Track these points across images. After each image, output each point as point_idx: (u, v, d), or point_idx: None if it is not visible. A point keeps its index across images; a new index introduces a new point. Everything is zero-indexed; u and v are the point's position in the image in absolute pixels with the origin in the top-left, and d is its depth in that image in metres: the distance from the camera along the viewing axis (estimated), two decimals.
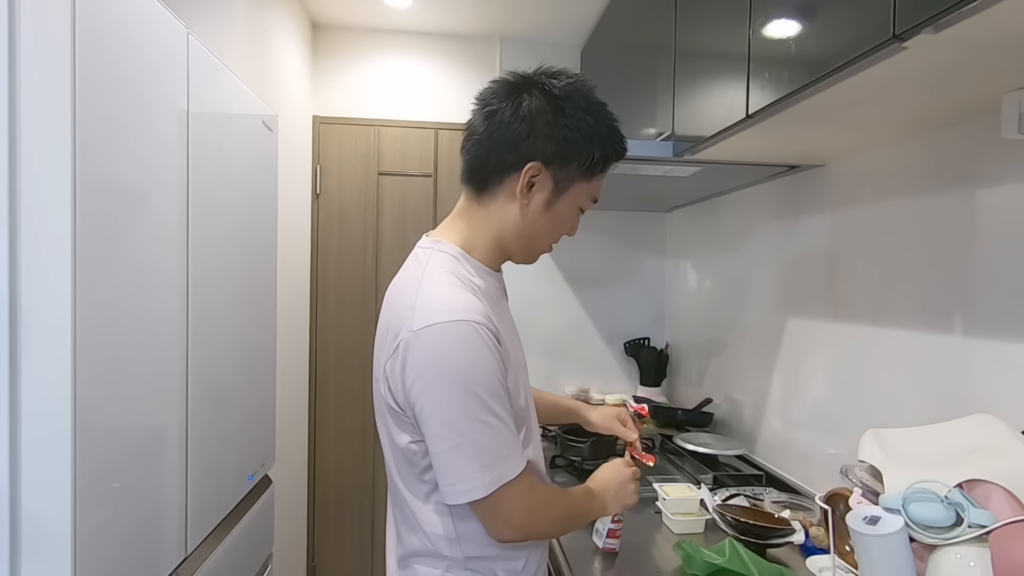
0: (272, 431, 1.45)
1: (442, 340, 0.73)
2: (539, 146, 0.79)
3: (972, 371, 1.03)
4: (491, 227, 0.84)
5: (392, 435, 0.83)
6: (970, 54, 0.75)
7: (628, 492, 0.97)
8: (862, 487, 0.94)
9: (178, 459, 0.95)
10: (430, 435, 0.76)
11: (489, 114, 0.81)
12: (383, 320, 0.86)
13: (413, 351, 0.74)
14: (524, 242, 0.86)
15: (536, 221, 0.84)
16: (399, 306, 0.81)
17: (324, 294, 2.40)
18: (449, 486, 0.76)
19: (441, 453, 0.75)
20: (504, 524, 0.78)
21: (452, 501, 0.76)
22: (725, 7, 1.17)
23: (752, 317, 1.77)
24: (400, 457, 0.83)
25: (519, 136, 0.79)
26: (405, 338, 0.75)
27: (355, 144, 2.40)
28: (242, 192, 1.24)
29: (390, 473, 0.88)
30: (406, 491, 0.84)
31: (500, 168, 0.81)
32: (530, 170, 0.80)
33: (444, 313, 0.74)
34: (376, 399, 0.88)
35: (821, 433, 1.45)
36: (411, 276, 0.83)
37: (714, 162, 1.43)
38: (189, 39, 0.96)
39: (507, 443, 0.77)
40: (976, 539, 0.76)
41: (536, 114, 0.79)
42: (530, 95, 0.80)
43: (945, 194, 1.09)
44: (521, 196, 0.81)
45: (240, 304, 1.23)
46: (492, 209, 0.84)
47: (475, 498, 0.75)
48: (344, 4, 2.18)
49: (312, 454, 2.40)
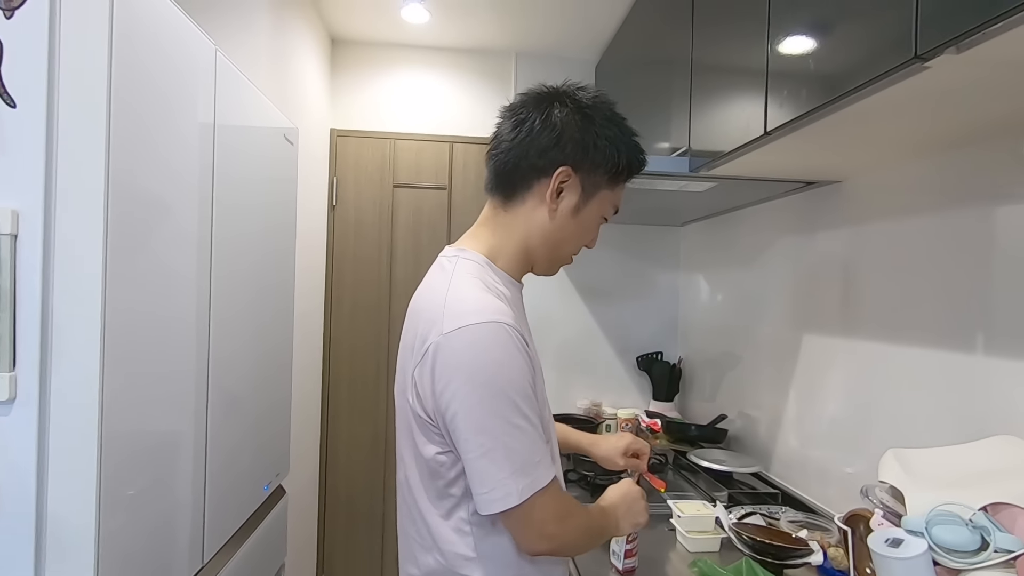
0: (287, 440, 1.46)
1: (473, 342, 0.73)
2: (569, 152, 0.81)
3: (993, 391, 1.02)
4: (518, 233, 0.85)
5: (418, 446, 0.81)
6: (993, 73, 0.75)
7: (639, 510, 0.96)
8: (883, 508, 0.93)
9: (197, 466, 0.96)
10: (462, 441, 0.74)
11: (519, 122, 0.83)
12: (408, 329, 0.85)
13: (443, 354, 0.74)
14: (550, 248, 0.87)
15: (564, 226, 0.85)
16: (426, 312, 0.80)
17: (339, 302, 2.42)
18: (483, 495, 0.74)
19: (473, 459, 0.74)
20: (536, 534, 0.77)
21: (487, 510, 0.74)
22: (743, 23, 1.18)
23: (767, 332, 1.75)
24: (424, 470, 0.82)
25: (550, 142, 0.81)
26: (435, 342, 0.75)
27: (371, 156, 2.43)
28: (263, 203, 1.26)
29: (409, 489, 0.86)
30: (427, 507, 0.82)
31: (530, 173, 0.83)
32: (560, 174, 0.82)
33: (474, 315, 0.74)
34: (400, 410, 0.86)
35: (839, 451, 1.43)
36: (438, 283, 0.83)
37: (730, 178, 1.43)
38: (217, 55, 0.98)
39: (538, 449, 0.75)
40: (1003, 564, 0.74)
41: (566, 122, 0.81)
42: (560, 105, 0.83)
43: (964, 212, 1.08)
44: (551, 200, 0.83)
45: (259, 312, 1.25)
46: (520, 215, 0.85)
47: (509, 506, 0.73)
48: (363, 20, 2.22)
49: (324, 462, 2.41)
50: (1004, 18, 0.61)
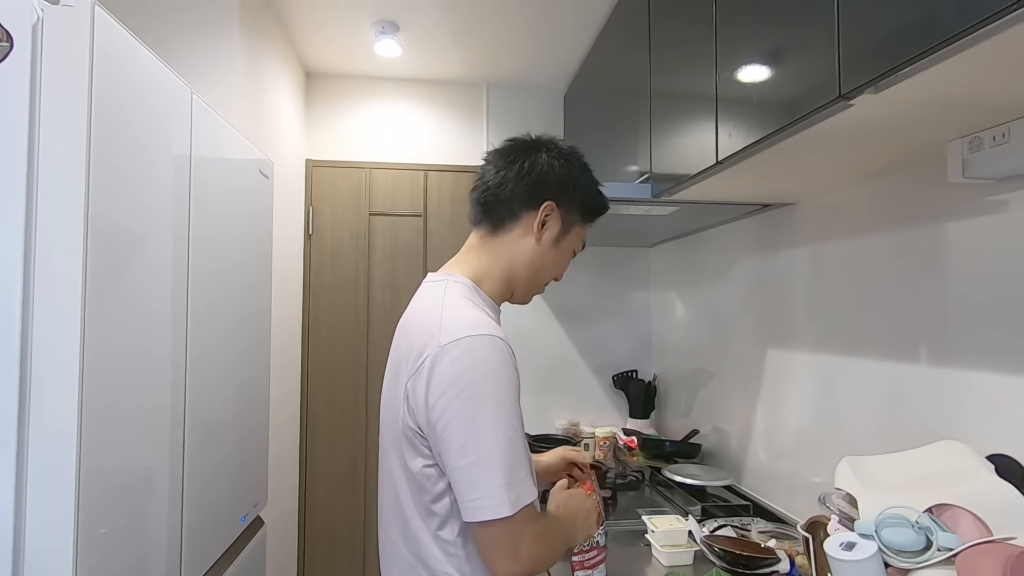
0: (264, 471, 1.46)
1: (470, 353, 0.77)
2: (553, 189, 0.92)
3: (939, 399, 1.08)
4: (503, 259, 0.93)
5: (406, 461, 0.82)
6: (912, 110, 0.83)
7: (592, 522, 0.99)
8: (839, 514, 0.98)
9: (174, 500, 0.97)
10: (455, 448, 0.75)
11: (511, 162, 0.93)
12: (399, 346, 0.88)
13: (440, 365, 0.77)
14: (532, 273, 0.95)
15: (545, 254, 0.94)
16: (421, 327, 0.83)
17: (316, 330, 2.43)
18: (473, 501, 0.74)
19: (465, 467, 0.75)
20: (512, 553, 0.76)
21: (474, 517, 0.75)
22: (695, 56, 1.26)
23: (735, 348, 1.82)
24: (413, 485, 0.82)
25: (539, 178, 0.92)
26: (432, 353, 0.78)
27: (347, 186, 2.47)
28: (239, 235, 1.29)
29: (398, 505, 0.86)
30: (418, 524, 0.83)
31: (519, 206, 0.92)
32: (546, 207, 0.92)
33: (471, 328, 0.79)
34: (387, 427, 0.88)
35: (804, 462, 1.48)
36: (431, 301, 0.87)
37: (691, 202, 1.51)
38: (193, 98, 1.02)
39: (525, 464, 0.78)
40: (944, 562, 0.79)
41: (551, 164, 0.93)
42: (546, 151, 0.94)
43: (907, 231, 1.16)
44: (537, 230, 0.92)
45: (236, 343, 1.27)
46: (507, 243, 0.93)
47: (501, 515, 0.74)
48: (337, 54, 2.28)
49: (303, 491, 2.39)
50: (911, 63, 0.68)
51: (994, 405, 0.97)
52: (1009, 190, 0.95)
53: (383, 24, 2.02)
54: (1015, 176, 0.92)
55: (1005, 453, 0.93)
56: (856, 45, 0.77)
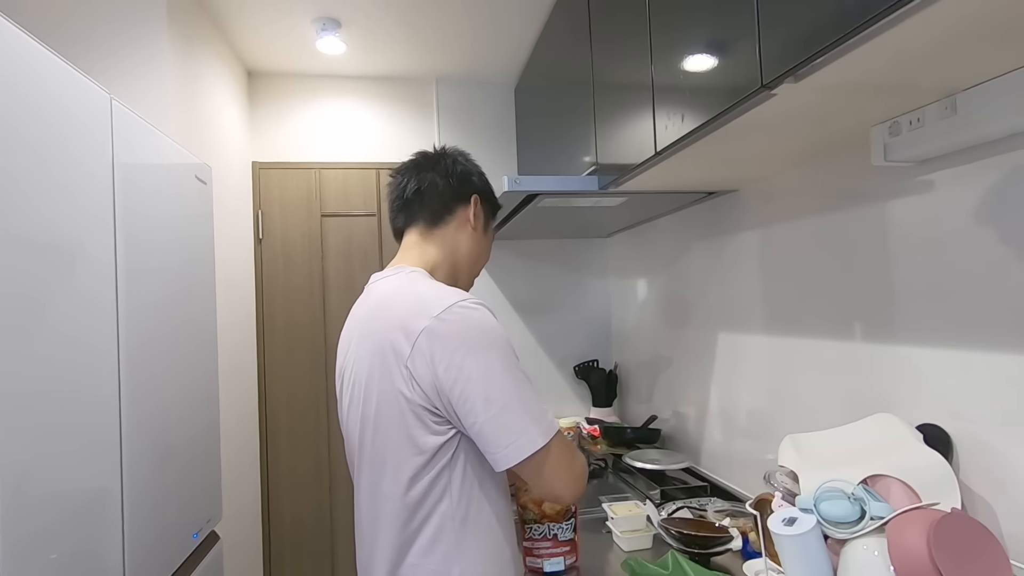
0: (218, 485, 1.42)
1: (467, 314, 0.82)
2: (477, 185, 1.04)
3: (873, 374, 1.13)
4: (446, 250, 1.00)
5: (416, 441, 0.83)
6: (833, 96, 0.85)
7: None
8: (783, 491, 1.01)
9: (115, 523, 0.93)
10: (479, 404, 0.79)
11: (429, 165, 1.02)
12: (373, 338, 0.87)
13: (440, 333, 0.81)
14: (472, 261, 1.04)
15: (480, 242, 1.05)
16: (398, 309, 0.86)
17: (271, 337, 2.37)
18: (509, 446, 0.79)
19: (492, 418, 0.79)
20: (567, 474, 0.84)
21: (515, 459, 0.79)
22: (631, 49, 1.27)
23: (691, 333, 1.86)
24: (414, 470, 0.84)
25: (464, 175, 1.02)
26: (426, 326, 0.81)
27: (296, 187, 2.41)
28: (176, 245, 1.25)
29: (384, 499, 0.86)
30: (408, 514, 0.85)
31: (453, 201, 1.01)
32: (476, 200, 1.03)
33: (456, 296, 0.85)
34: (384, 414, 0.85)
35: (757, 440, 1.53)
36: (399, 288, 0.90)
37: (636, 192, 1.53)
38: (112, 104, 0.98)
39: (541, 401, 0.84)
40: (877, 530, 0.83)
41: (466, 166, 1.04)
42: (460, 156, 1.05)
43: (840, 212, 1.20)
44: (472, 221, 1.02)
45: (178, 356, 1.23)
46: (447, 235, 1.00)
47: (537, 447, 0.79)
48: (278, 52, 2.22)
49: (266, 501, 2.34)
50: (825, 52, 0.70)
51: (923, 378, 1.02)
52: (927, 172, 0.99)
53: (324, 21, 1.97)
54: (931, 159, 0.96)
55: (933, 423, 0.98)
56: (775, 37, 0.78)
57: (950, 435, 0.96)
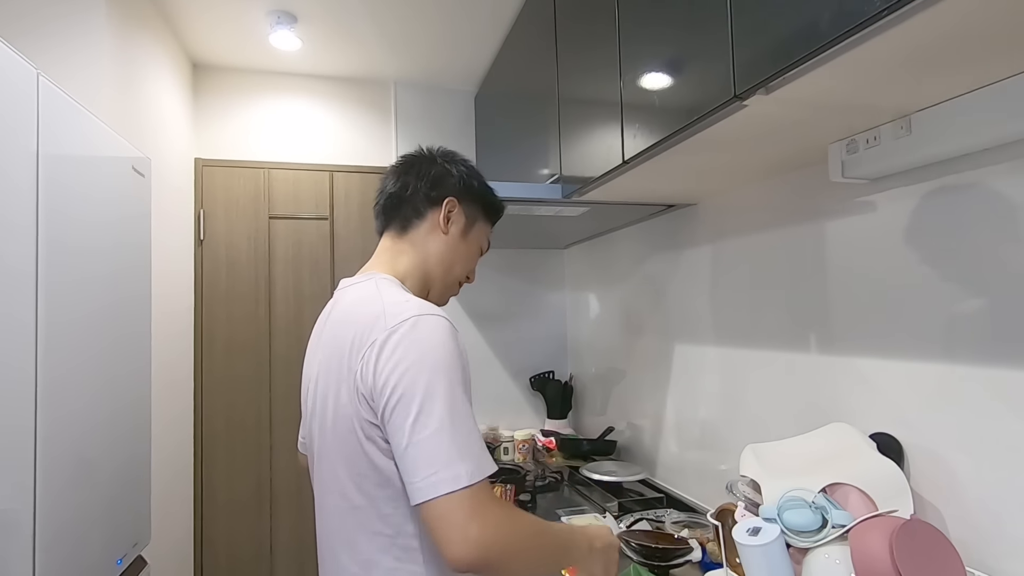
0: (146, 505, 1.30)
1: (420, 329, 0.77)
2: (453, 186, 0.97)
3: (828, 384, 1.16)
4: (417, 256, 0.95)
5: (371, 459, 0.77)
6: (799, 111, 0.88)
7: (614, 560, 0.89)
8: (745, 500, 1.02)
9: (24, 549, 0.82)
10: (408, 425, 0.71)
11: (407, 168, 0.97)
12: (334, 346, 0.84)
13: (390, 345, 0.76)
14: (445, 268, 0.97)
15: (455, 248, 0.98)
16: (363, 317, 0.81)
17: (211, 345, 2.22)
18: (431, 475, 0.69)
19: (420, 441, 0.71)
20: (462, 533, 0.69)
21: (430, 494, 0.69)
22: (600, 61, 1.28)
23: (646, 345, 1.87)
24: (371, 487, 0.78)
25: (438, 178, 0.96)
26: (379, 338, 0.77)
27: (243, 187, 2.29)
28: (108, 239, 1.14)
29: (347, 520, 0.81)
30: (367, 534, 0.79)
31: (423, 204, 0.95)
32: (448, 203, 0.95)
33: (418, 309, 0.80)
34: (331, 435, 0.81)
35: (712, 451, 1.54)
36: (367, 295, 0.86)
37: (599, 203, 1.53)
38: (39, 80, 0.88)
39: (479, 440, 0.75)
40: (839, 538, 0.84)
41: (447, 168, 0.98)
42: (443, 159, 0.99)
43: (796, 227, 1.24)
44: (443, 225, 0.95)
45: (104, 362, 1.11)
46: (417, 240, 0.95)
47: (459, 487, 0.69)
48: (227, 45, 2.11)
49: (199, 526, 2.17)
50: (796, 66, 0.72)
51: (874, 388, 1.06)
52: (880, 190, 1.03)
53: (279, 14, 1.89)
54: (886, 176, 1.01)
55: (885, 431, 1.01)
56: (749, 50, 0.80)
57: (901, 443, 0.99)
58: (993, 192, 0.85)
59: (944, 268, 0.93)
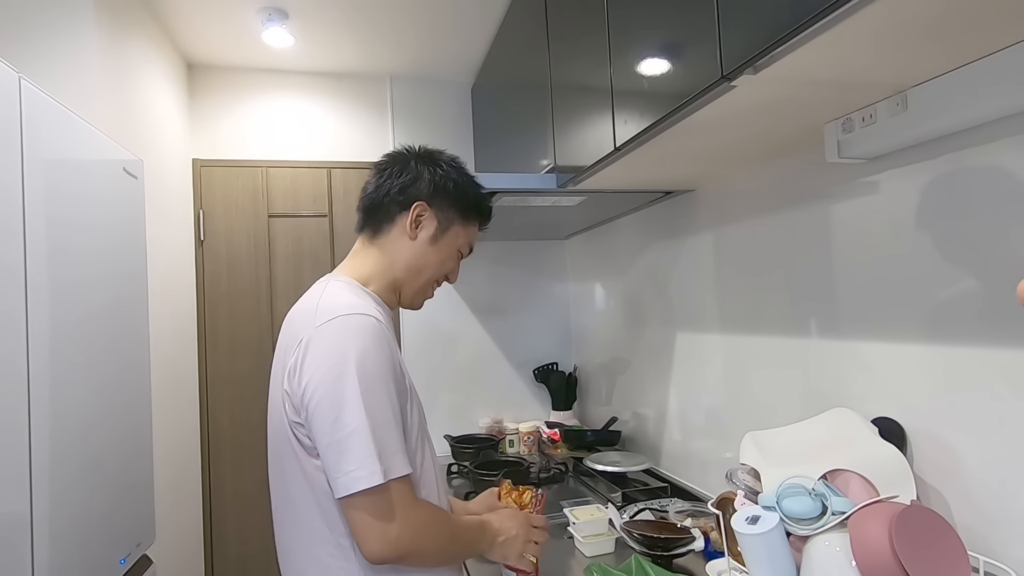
0: (150, 504, 1.31)
1: (342, 330, 0.78)
2: (423, 190, 0.95)
3: (829, 369, 1.14)
4: (385, 260, 0.95)
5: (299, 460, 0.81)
6: (790, 90, 0.85)
7: (516, 546, 0.97)
8: (745, 489, 1.00)
9: (23, 554, 0.83)
10: (328, 424, 0.75)
11: (381, 170, 0.98)
12: (280, 344, 0.88)
13: (313, 345, 0.78)
14: (413, 273, 0.97)
15: (424, 254, 0.96)
16: (300, 317, 0.85)
17: (214, 343, 2.24)
18: (347, 474, 0.74)
19: (338, 441, 0.75)
20: (380, 531, 0.76)
21: (348, 490, 0.74)
22: (589, 48, 1.25)
23: (649, 334, 1.86)
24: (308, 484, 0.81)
25: (407, 181, 0.95)
26: (306, 336, 0.79)
27: (242, 186, 2.29)
28: (101, 242, 1.14)
29: (291, 514, 0.85)
30: (313, 527, 0.81)
31: (393, 208, 0.95)
32: (417, 207, 0.95)
33: (345, 308, 0.81)
34: (274, 432, 0.86)
35: (715, 439, 1.53)
36: (310, 298, 0.88)
37: (595, 191, 1.51)
38: (21, 83, 0.88)
39: (397, 440, 0.78)
40: (839, 525, 0.82)
41: (420, 168, 0.97)
42: (417, 159, 0.98)
43: (795, 211, 1.22)
44: (411, 230, 0.95)
45: (101, 364, 1.12)
46: (386, 245, 0.96)
47: (374, 483, 0.74)
48: (221, 44, 2.10)
49: (208, 522, 2.19)
50: (782, 43, 0.70)
51: (876, 372, 1.04)
52: (879, 170, 1.00)
53: (269, 11, 1.88)
54: (883, 155, 0.98)
55: (887, 416, 0.99)
56: (736, 30, 0.77)
57: (904, 428, 0.97)
58: (997, 168, 0.83)
59: (946, 248, 0.90)
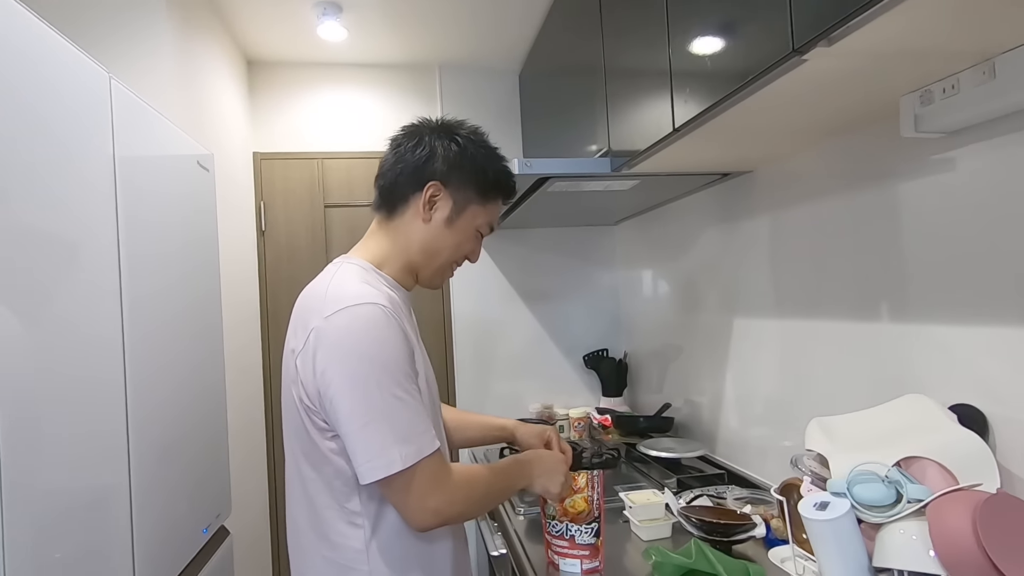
0: (227, 479, 1.40)
1: (352, 321, 0.79)
2: (438, 169, 0.91)
3: (901, 354, 1.10)
4: (400, 242, 0.93)
5: (312, 439, 0.83)
6: (864, 62, 0.82)
7: (558, 478, 0.99)
8: (811, 475, 0.98)
9: (123, 520, 0.91)
10: (344, 416, 0.77)
11: (395, 147, 0.94)
12: (292, 327, 0.89)
13: (324, 336, 0.79)
14: (428, 255, 0.94)
15: (439, 235, 0.93)
16: (309, 303, 0.85)
17: (276, 329, 2.34)
18: (366, 463, 0.77)
19: (355, 432, 0.77)
20: (418, 506, 0.79)
21: (370, 478, 0.77)
22: (647, 29, 1.23)
23: (703, 320, 1.82)
24: (317, 462, 0.84)
25: (420, 160, 0.91)
26: (316, 326, 0.80)
27: (299, 178, 2.37)
28: (180, 234, 1.21)
29: (302, 491, 0.87)
30: (321, 501, 0.84)
31: (407, 188, 0.92)
32: (430, 188, 0.91)
33: (353, 298, 0.80)
34: (287, 411, 0.88)
35: (775, 427, 1.50)
36: (320, 281, 0.89)
37: (649, 174, 1.49)
38: (112, 83, 0.94)
39: (421, 420, 0.80)
40: (915, 513, 0.80)
41: (435, 145, 0.92)
42: (431, 132, 0.94)
43: (863, 191, 1.17)
44: (424, 211, 0.91)
45: (184, 351, 1.19)
46: (400, 226, 0.93)
47: (392, 471, 0.76)
48: (279, 40, 2.18)
49: (274, 496, 2.31)
50: (859, 14, 0.67)
51: (953, 357, 0.99)
52: (959, 145, 0.95)
53: (324, 5, 1.93)
54: (965, 129, 0.93)
55: (966, 402, 0.95)
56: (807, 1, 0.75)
57: (985, 415, 0.92)
58: None
59: None
